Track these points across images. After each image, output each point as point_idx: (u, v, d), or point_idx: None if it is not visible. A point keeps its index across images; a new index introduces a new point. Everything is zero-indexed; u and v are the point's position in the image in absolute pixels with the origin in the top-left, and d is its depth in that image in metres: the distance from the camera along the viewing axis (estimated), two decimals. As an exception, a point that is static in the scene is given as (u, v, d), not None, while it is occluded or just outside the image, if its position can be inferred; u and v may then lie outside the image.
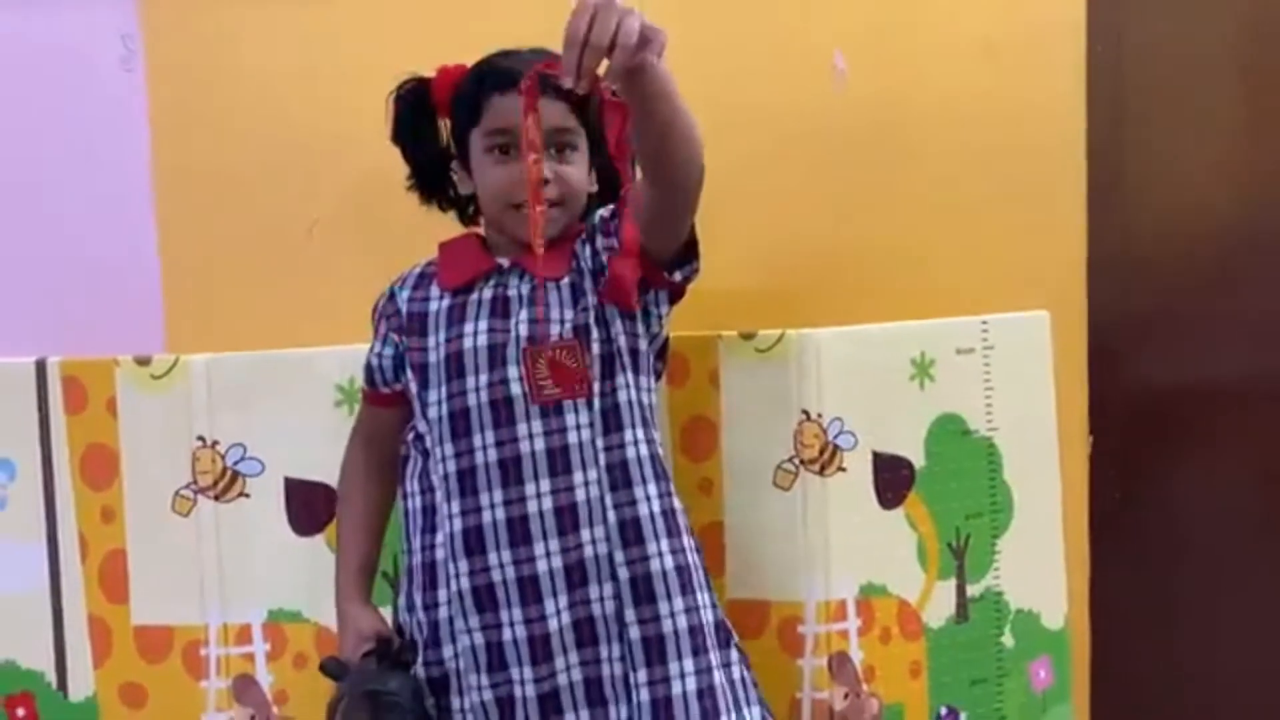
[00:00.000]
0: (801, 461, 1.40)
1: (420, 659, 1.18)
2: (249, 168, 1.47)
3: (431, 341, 1.20)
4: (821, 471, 1.40)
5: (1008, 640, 1.50)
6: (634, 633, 1.14)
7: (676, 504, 1.20)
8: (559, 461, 1.14)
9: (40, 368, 1.41)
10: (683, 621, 1.15)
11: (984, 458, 1.49)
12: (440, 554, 1.16)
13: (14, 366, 1.41)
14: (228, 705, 1.40)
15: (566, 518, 1.14)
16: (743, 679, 1.19)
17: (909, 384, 1.44)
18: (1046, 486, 1.53)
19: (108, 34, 1.47)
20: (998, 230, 1.55)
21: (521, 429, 1.14)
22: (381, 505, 1.29)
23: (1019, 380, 1.50)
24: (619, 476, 1.16)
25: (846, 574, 1.41)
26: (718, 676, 1.16)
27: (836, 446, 1.41)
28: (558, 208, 1.19)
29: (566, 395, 1.14)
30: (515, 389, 1.15)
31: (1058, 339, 1.53)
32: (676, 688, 1.13)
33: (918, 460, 1.45)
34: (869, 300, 1.50)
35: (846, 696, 1.41)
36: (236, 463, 1.40)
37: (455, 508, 1.15)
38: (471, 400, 1.16)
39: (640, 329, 1.20)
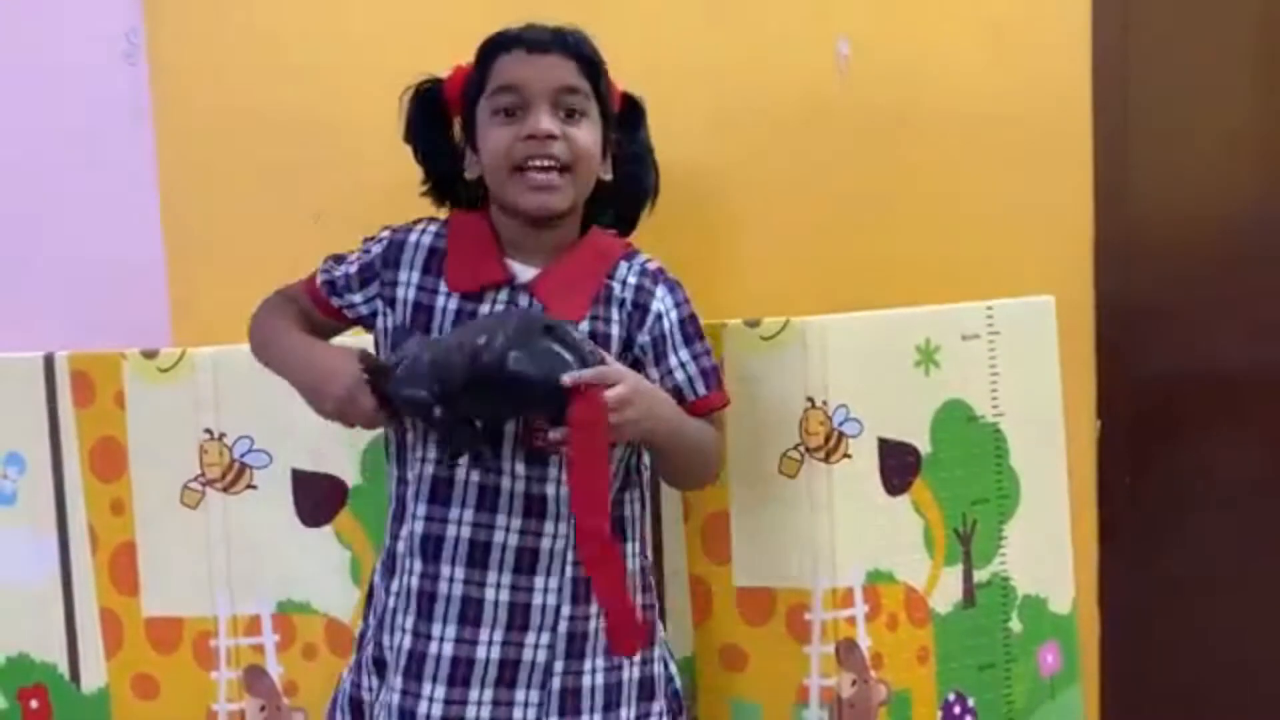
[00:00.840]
0: (807, 449, 1.40)
1: (369, 637, 1.20)
2: (253, 161, 1.48)
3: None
4: (827, 459, 1.40)
5: (1015, 625, 1.50)
6: (555, 683, 1.14)
7: (635, 564, 1.21)
8: (534, 507, 1.14)
9: (48, 362, 1.42)
10: (600, 679, 1.16)
11: (990, 443, 1.49)
12: (400, 547, 1.16)
13: (23, 361, 1.42)
14: (238, 696, 1.41)
15: (525, 559, 1.14)
16: None
17: (914, 370, 1.44)
18: (1052, 472, 1.53)
19: (111, 29, 1.48)
20: (1003, 215, 1.55)
21: (505, 465, 1.13)
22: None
23: (1025, 366, 1.50)
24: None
25: (853, 561, 1.41)
26: None
27: (842, 433, 1.41)
28: (566, 174, 1.14)
29: (556, 449, 1.12)
30: (508, 427, 1.13)
31: (1064, 324, 1.52)
32: None
33: (924, 446, 1.45)
34: (874, 287, 1.50)
35: (854, 683, 1.41)
36: (244, 455, 1.40)
37: (421, 511, 1.14)
38: None
39: None
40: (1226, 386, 1.65)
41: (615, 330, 1.17)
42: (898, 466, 1.44)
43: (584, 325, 1.14)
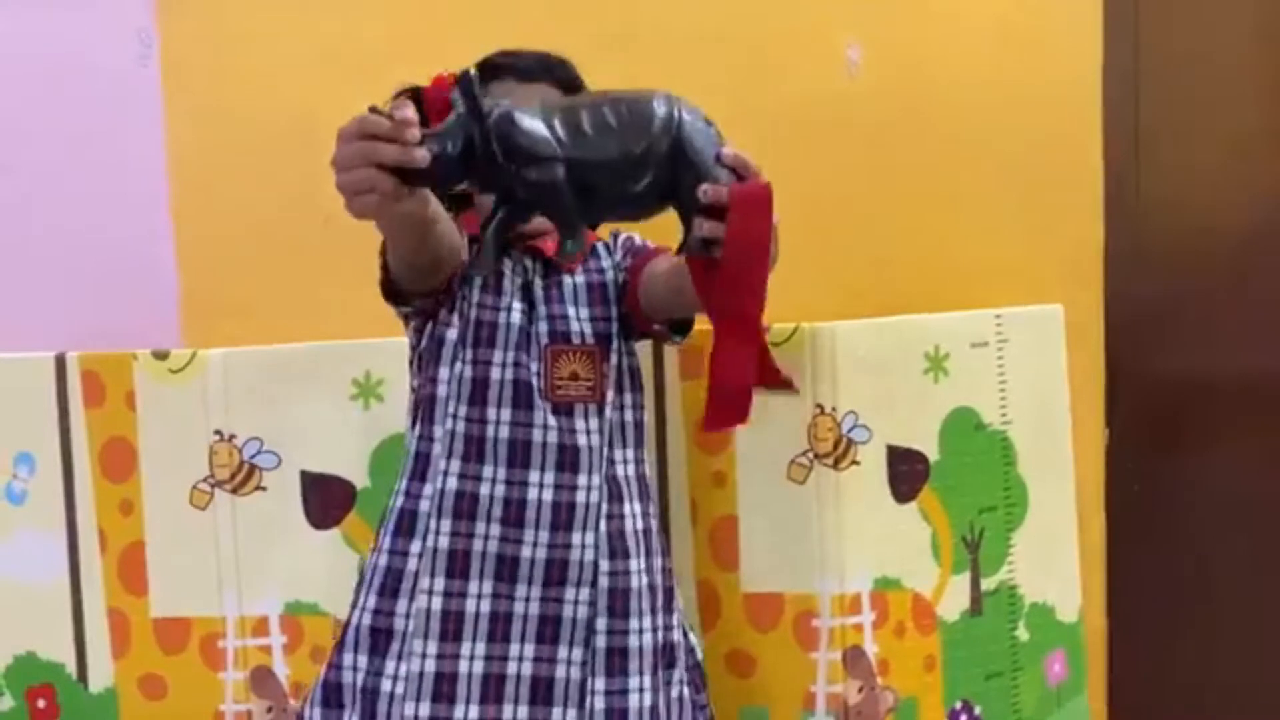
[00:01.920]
0: (816, 455, 1.40)
1: (371, 604, 1.14)
2: (265, 162, 1.48)
3: (469, 297, 1.16)
4: (836, 465, 1.40)
5: (1022, 634, 1.50)
6: (600, 641, 1.14)
7: (654, 524, 1.22)
8: (567, 459, 1.15)
9: (60, 362, 1.42)
10: (649, 639, 1.16)
11: (998, 451, 1.49)
12: (424, 505, 1.14)
13: (34, 361, 1.43)
14: (245, 697, 1.41)
15: (564, 514, 1.14)
16: (681, 698, 1.20)
17: (923, 377, 1.44)
18: (1060, 480, 1.53)
19: (124, 30, 1.48)
20: (1012, 223, 1.55)
21: (538, 416, 1.14)
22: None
23: (1033, 374, 1.50)
24: (614, 489, 1.18)
25: (861, 568, 1.41)
26: (661, 695, 1.16)
27: (851, 440, 1.41)
28: None
29: (580, 398, 1.15)
30: (535, 380, 1.15)
31: (1073, 332, 1.52)
32: (634, 701, 1.14)
33: (932, 454, 1.45)
34: (883, 294, 1.50)
35: (861, 690, 1.41)
36: (254, 456, 1.41)
37: (454, 467, 1.13)
38: (495, 374, 1.14)
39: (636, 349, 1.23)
40: (1235, 396, 1.65)
41: (609, 274, 1.21)
42: (906, 474, 1.44)
43: (579, 278, 1.19)
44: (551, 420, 1.15)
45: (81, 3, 1.49)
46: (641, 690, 1.15)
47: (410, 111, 0.86)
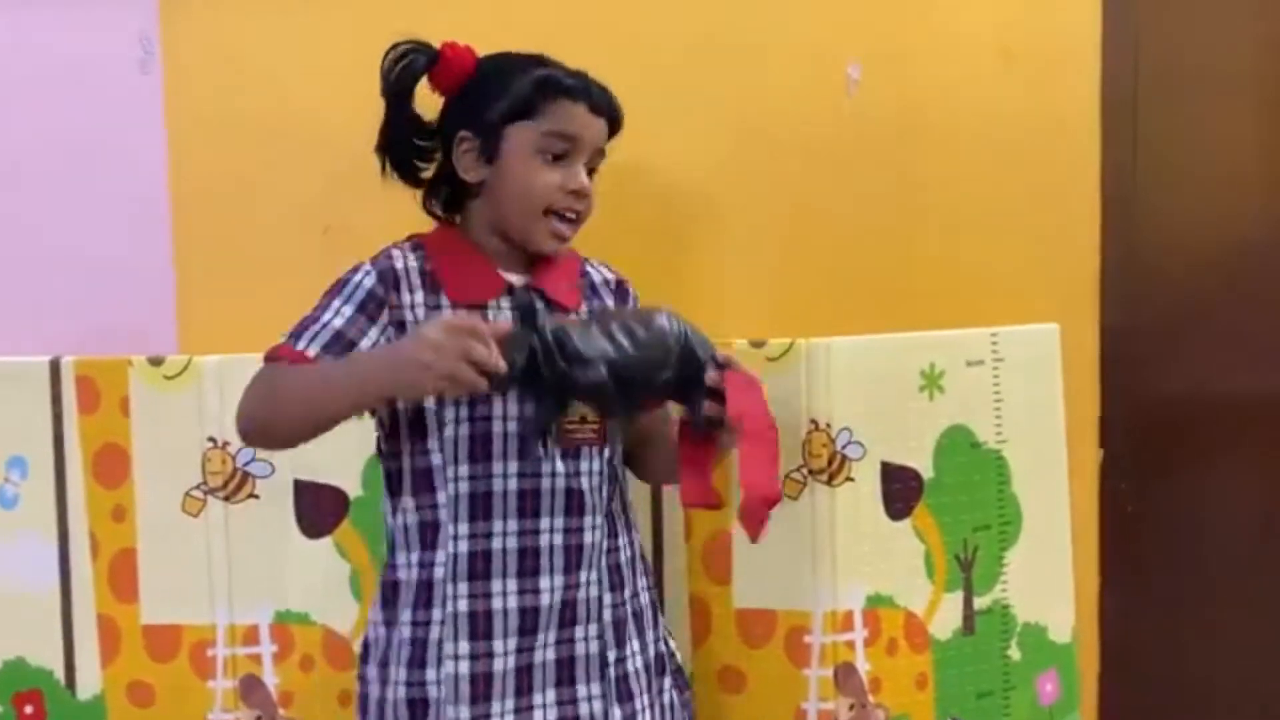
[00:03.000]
0: (810, 471, 1.40)
1: (402, 678, 1.15)
2: (264, 170, 1.48)
3: None
4: (830, 481, 1.40)
5: (1014, 653, 1.50)
6: (612, 672, 1.17)
7: (638, 548, 1.26)
8: (575, 502, 1.16)
9: (54, 367, 1.42)
10: (640, 660, 1.21)
11: (993, 470, 1.48)
12: (439, 573, 1.14)
13: (28, 365, 1.42)
14: (234, 705, 1.41)
15: (573, 556, 1.16)
16: (672, 704, 1.25)
17: (918, 395, 1.44)
18: (1055, 499, 1.53)
19: (126, 36, 1.49)
20: (1009, 242, 1.55)
21: (545, 466, 1.15)
22: None
23: (1028, 393, 1.50)
24: (612, 524, 1.21)
25: (853, 584, 1.41)
26: (656, 706, 1.22)
27: (845, 456, 1.41)
28: (575, 224, 1.20)
29: (587, 441, 1.17)
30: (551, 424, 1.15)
31: (1069, 351, 1.53)
32: (643, 718, 1.20)
33: (926, 471, 1.45)
34: (879, 310, 1.50)
35: (852, 708, 1.41)
36: (247, 464, 1.40)
37: (464, 530, 1.14)
38: (496, 428, 1.14)
39: None
40: (1231, 417, 1.65)
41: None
42: (900, 491, 1.43)
43: (582, 310, 1.21)
44: (560, 466, 1.15)
45: (84, 8, 1.49)
46: (644, 709, 1.19)
47: (503, 324, 1.07)
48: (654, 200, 1.50)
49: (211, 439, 1.40)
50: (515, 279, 1.19)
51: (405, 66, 1.21)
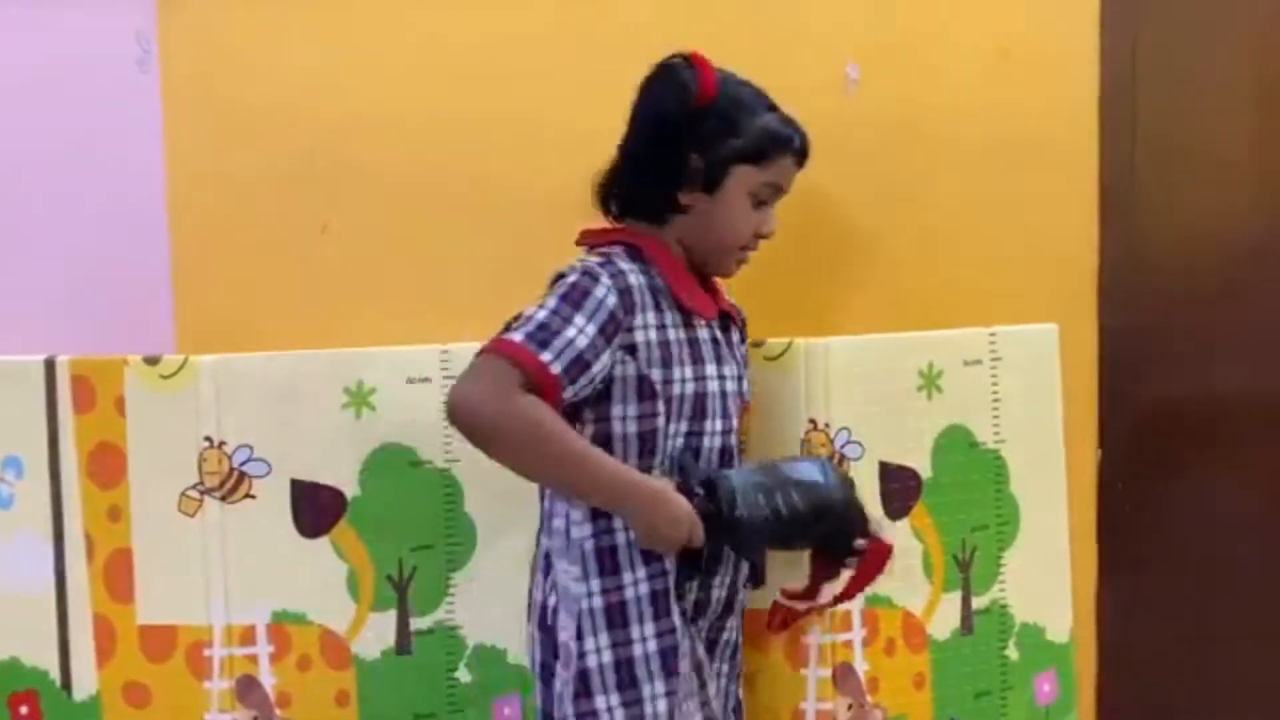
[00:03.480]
0: (808, 471, 1.39)
1: (651, 632, 1.19)
2: (262, 169, 1.48)
3: (677, 374, 1.19)
4: (828, 481, 1.40)
5: (1012, 653, 1.50)
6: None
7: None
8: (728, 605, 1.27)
9: (50, 366, 1.41)
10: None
11: (991, 470, 1.49)
12: (620, 539, 1.19)
13: (23, 365, 1.42)
14: (230, 706, 1.40)
15: (728, 599, 1.27)
16: None
17: (917, 395, 1.44)
18: (1053, 499, 1.53)
19: (124, 35, 1.48)
20: (1008, 242, 1.56)
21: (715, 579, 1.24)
22: None
23: (1027, 393, 1.50)
24: None
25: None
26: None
27: (843, 456, 1.40)
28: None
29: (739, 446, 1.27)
30: (732, 440, 1.24)
31: (1067, 351, 1.53)
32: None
33: (924, 471, 1.44)
34: (877, 310, 1.50)
35: (850, 708, 1.40)
36: (243, 464, 1.40)
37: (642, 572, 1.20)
38: (707, 443, 1.20)
39: None
40: (1229, 417, 1.65)
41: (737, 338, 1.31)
42: (898, 491, 1.44)
43: (735, 334, 1.30)
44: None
45: (81, 7, 1.48)
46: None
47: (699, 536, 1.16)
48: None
49: (208, 439, 1.40)
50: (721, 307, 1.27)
51: (681, 85, 1.20)
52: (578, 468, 1.13)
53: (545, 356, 1.10)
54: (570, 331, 1.12)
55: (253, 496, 1.40)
